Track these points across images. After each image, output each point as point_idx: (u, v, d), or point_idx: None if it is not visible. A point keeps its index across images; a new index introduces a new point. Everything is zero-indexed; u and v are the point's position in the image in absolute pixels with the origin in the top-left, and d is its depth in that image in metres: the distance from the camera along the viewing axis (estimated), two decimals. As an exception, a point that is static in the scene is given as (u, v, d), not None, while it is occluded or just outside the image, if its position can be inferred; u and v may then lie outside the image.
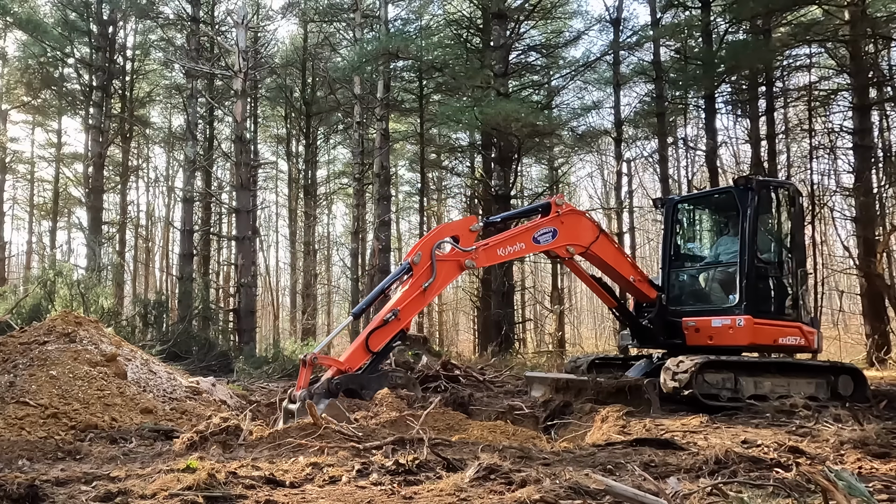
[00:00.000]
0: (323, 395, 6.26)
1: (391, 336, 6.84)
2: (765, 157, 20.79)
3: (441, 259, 7.32)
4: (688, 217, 10.18)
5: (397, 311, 6.87)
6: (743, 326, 8.44)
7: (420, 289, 7.08)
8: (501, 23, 21.77)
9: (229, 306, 24.06)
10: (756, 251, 8.77)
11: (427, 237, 7.46)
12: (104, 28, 25.70)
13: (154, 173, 38.53)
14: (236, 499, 3.71)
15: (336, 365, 6.65)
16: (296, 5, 28.20)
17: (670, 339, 9.10)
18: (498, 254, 8.00)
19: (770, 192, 9.28)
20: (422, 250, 7.19)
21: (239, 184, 21.34)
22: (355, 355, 6.70)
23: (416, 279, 7.09)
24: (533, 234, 8.22)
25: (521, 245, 8.20)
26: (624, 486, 3.41)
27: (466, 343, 28.27)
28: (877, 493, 3.82)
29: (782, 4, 18.59)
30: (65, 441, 6.19)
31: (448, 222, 7.90)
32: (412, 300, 7.05)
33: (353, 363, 6.65)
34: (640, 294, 9.25)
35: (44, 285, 17.71)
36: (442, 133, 29.80)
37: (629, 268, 9.18)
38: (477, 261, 7.60)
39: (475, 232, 7.70)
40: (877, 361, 15.65)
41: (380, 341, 6.76)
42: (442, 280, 7.35)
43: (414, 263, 7.08)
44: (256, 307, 23.32)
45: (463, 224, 7.73)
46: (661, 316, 9.08)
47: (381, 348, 6.78)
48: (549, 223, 8.32)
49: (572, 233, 8.43)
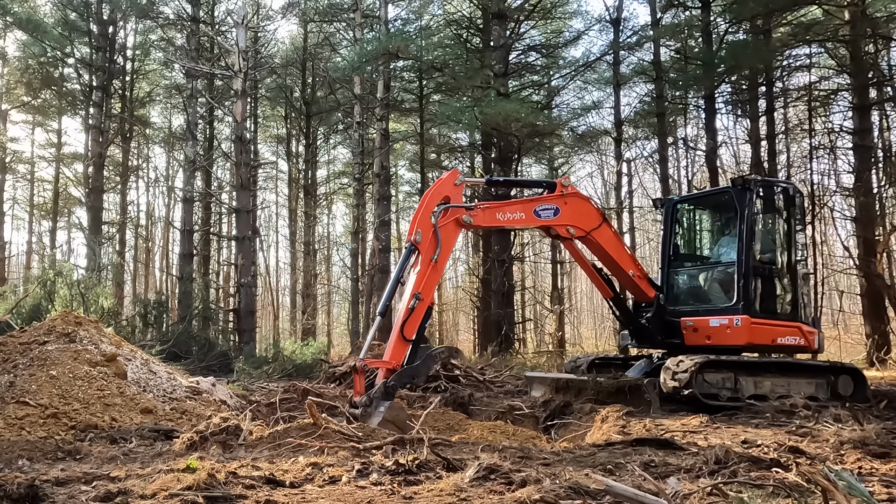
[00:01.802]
0: (382, 398, 6.36)
1: (421, 319, 6.89)
2: (765, 157, 20.79)
3: (442, 224, 7.25)
4: (687, 217, 10.18)
5: (418, 293, 6.87)
6: (740, 326, 8.44)
7: (430, 262, 7.04)
8: (501, 23, 21.77)
9: (229, 306, 24.06)
10: (754, 251, 8.77)
11: (419, 212, 7.31)
12: (104, 28, 25.71)
13: (154, 173, 38.58)
14: (236, 499, 3.71)
15: (383, 365, 6.72)
16: (296, 5, 28.20)
17: (669, 339, 9.10)
18: (497, 217, 8.02)
19: (768, 191, 9.27)
20: (420, 226, 7.10)
21: (239, 184, 21.34)
22: (397, 350, 6.74)
23: (424, 255, 7.04)
24: (534, 208, 8.23)
25: (521, 215, 8.21)
26: (624, 486, 3.41)
27: (466, 343, 28.28)
28: (877, 494, 3.82)
29: (782, 4, 18.59)
30: (65, 441, 6.19)
31: (431, 187, 7.61)
32: (428, 276, 7.02)
33: (398, 358, 6.70)
34: (639, 291, 9.24)
35: (44, 285, 17.71)
36: (442, 133, 29.80)
37: (629, 262, 9.14)
38: (475, 218, 7.58)
39: (461, 186, 7.64)
40: (877, 361, 15.66)
41: (413, 328, 6.80)
42: (447, 244, 7.28)
43: (417, 242, 7.02)
44: (256, 307, 23.32)
45: (447, 182, 7.55)
46: (659, 316, 9.08)
47: (416, 334, 6.84)
48: (552, 200, 8.32)
49: (574, 214, 8.43)
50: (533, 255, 28.78)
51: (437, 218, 7.22)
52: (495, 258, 20.74)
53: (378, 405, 6.27)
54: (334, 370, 13.60)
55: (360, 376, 6.58)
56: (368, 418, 6.15)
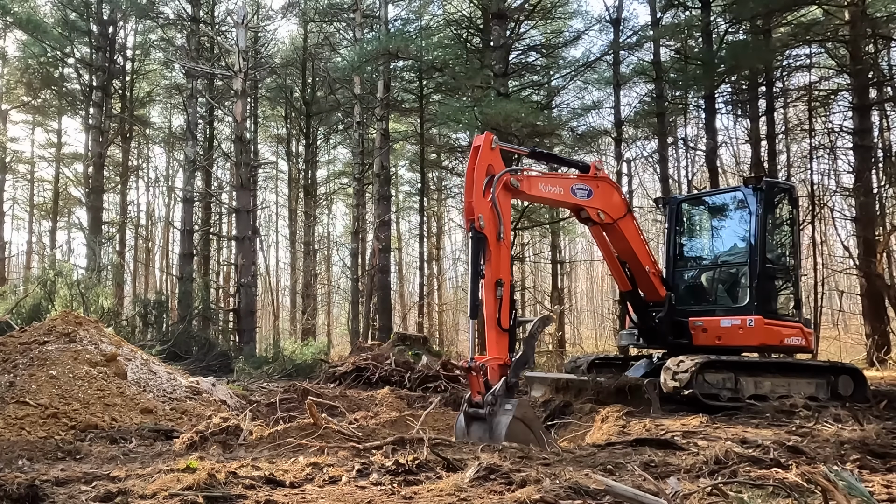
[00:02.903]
0: (505, 395, 6.21)
1: (509, 303, 6.68)
2: (765, 157, 20.79)
3: (497, 195, 6.78)
4: (694, 217, 10.14)
5: (499, 280, 6.58)
6: (754, 327, 8.41)
7: (498, 242, 6.66)
8: (501, 23, 21.76)
9: (229, 306, 24.07)
10: (766, 252, 8.76)
11: (472, 192, 6.76)
12: (104, 28, 25.71)
13: (154, 173, 38.57)
14: (236, 499, 3.71)
15: (494, 362, 6.44)
16: (296, 5, 28.19)
17: (677, 339, 9.04)
18: (539, 188, 7.79)
19: (777, 192, 9.27)
20: (480, 210, 6.62)
21: (239, 184, 21.34)
22: (500, 344, 6.51)
23: (491, 236, 6.63)
24: (572, 185, 8.09)
25: (560, 190, 8.02)
26: (624, 486, 3.41)
27: (466, 343, 28.24)
28: (877, 494, 3.82)
29: (782, 4, 18.58)
30: (65, 441, 6.19)
31: (471, 159, 6.96)
32: (501, 258, 6.70)
33: (503, 351, 6.49)
34: (651, 289, 9.08)
35: (44, 285, 17.72)
36: (442, 133, 29.78)
37: (647, 257, 8.98)
38: (521, 183, 7.21)
39: (496, 149, 7.06)
40: (877, 361, 15.65)
41: (505, 316, 6.58)
42: (506, 216, 6.88)
43: (481, 227, 6.58)
44: (256, 307, 23.32)
45: (486, 149, 6.92)
46: (670, 315, 8.98)
47: (511, 321, 6.65)
48: (587, 181, 8.17)
49: (605, 199, 8.30)
50: (533, 255, 28.78)
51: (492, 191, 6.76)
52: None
53: (504, 403, 6.14)
54: (334, 370, 13.62)
55: (476, 377, 6.31)
56: (495, 417, 6.04)
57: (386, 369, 12.76)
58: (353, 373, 13.04)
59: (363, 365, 13.15)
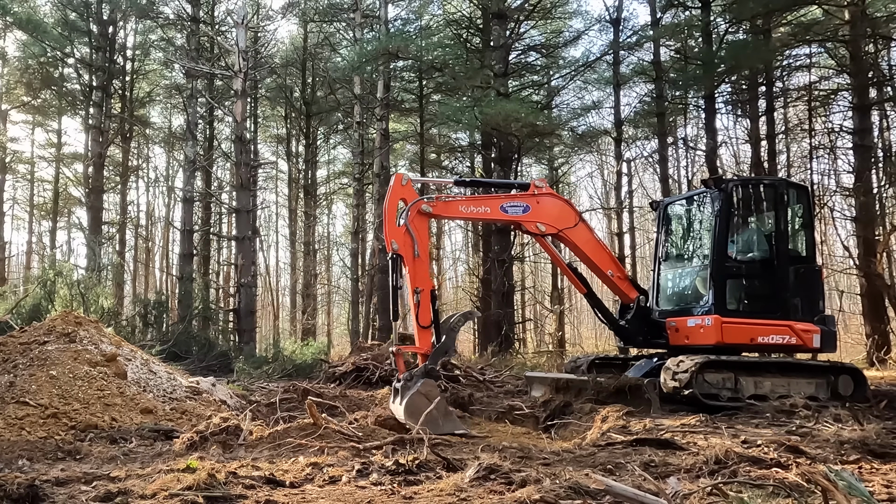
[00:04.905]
0: (422, 376, 7.21)
1: (429, 305, 7.61)
2: (765, 157, 20.79)
3: (410, 220, 7.78)
4: (672, 219, 10.20)
5: (417, 289, 7.59)
6: (711, 325, 8.44)
7: (414, 258, 7.65)
8: (501, 23, 21.77)
9: (229, 306, 24.04)
10: (726, 250, 8.77)
11: (386, 225, 7.88)
12: (104, 28, 25.71)
13: (154, 173, 38.57)
14: (236, 499, 3.72)
15: (417, 351, 7.64)
16: (296, 5, 28.19)
17: (654, 339, 9.20)
18: (459, 210, 8.53)
19: (750, 190, 9.25)
20: (392, 237, 7.65)
21: (239, 184, 21.34)
22: (422, 338, 7.56)
23: (406, 256, 7.62)
24: (502, 203, 8.60)
25: (486, 209, 8.65)
26: (624, 486, 3.41)
27: (466, 343, 28.23)
28: (877, 494, 3.82)
29: (782, 4, 18.59)
30: (65, 441, 6.19)
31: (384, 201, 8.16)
32: (418, 271, 7.66)
33: (425, 344, 7.52)
34: (620, 292, 9.35)
35: (44, 285, 17.71)
36: (442, 133, 29.79)
37: (608, 262, 9.25)
38: (434, 208, 8.07)
39: (408, 184, 8.10)
40: (877, 361, 15.64)
41: (426, 315, 7.55)
42: (420, 236, 7.80)
43: (397, 250, 7.59)
44: (256, 307, 23.31)
45: (396, 188, 7.98)
46: (639, 317, 9.20)
47: (432, 319, 7.59)
48: (523, 199, 8.68)
49: (545, 213, 8.75)
50: (533, 255, 28.75)
51: (404, 218, 7.78)
52: (495, 258, 20.73)
53: (417, 381, 7.13)
54: (334, 370, 13.60)
55: (399, 357, 7.75)
56: (406, 391, 7.06)
57: (386, 369, 12.75)
58: (353, 373, 13.03)
59: (363, 365, 13.14)
